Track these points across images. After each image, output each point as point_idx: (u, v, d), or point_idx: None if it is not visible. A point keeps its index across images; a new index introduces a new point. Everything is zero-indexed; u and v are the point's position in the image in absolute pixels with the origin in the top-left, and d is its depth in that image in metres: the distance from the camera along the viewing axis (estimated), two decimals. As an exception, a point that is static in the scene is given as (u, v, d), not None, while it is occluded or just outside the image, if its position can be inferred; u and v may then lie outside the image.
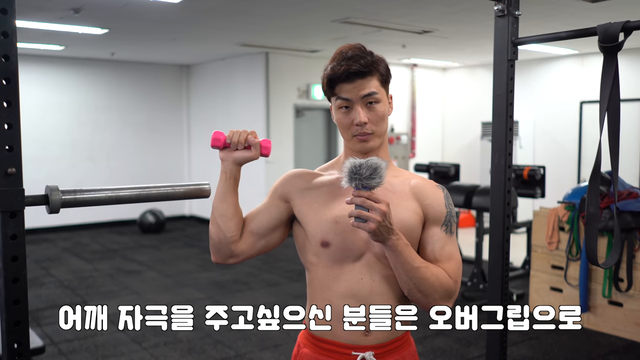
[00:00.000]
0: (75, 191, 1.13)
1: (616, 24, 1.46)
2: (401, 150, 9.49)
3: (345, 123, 1.46)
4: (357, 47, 1.46)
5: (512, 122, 1.76)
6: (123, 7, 5.20)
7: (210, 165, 9.45)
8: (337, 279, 1.46)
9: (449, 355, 4.02)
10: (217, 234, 1.47)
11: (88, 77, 9.01)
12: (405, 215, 1.45)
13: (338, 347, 1.48)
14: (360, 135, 1.45)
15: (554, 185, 7.74)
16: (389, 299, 1.47)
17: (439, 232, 1.48)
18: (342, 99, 1.45)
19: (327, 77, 1.46)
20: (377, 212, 1.30)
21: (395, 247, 1.35)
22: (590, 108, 8.09)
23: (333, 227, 1.44)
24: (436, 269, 1.44)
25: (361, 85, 1.43)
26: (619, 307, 4.39)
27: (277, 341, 4.27)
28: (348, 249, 1.45)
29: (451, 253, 1.49)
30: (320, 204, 1.48)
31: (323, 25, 6.13)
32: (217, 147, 1.46)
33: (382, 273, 1.46)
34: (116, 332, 4.44)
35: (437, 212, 1.48)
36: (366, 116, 1.44)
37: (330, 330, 1.48)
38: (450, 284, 1.45)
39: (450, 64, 9.68)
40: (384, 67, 1.48)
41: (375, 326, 1.46)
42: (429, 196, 1.49)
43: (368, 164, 1.30)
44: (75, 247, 7.70)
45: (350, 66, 1.41)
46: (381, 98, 1.45)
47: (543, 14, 5.42)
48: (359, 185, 1.31)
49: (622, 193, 4.39)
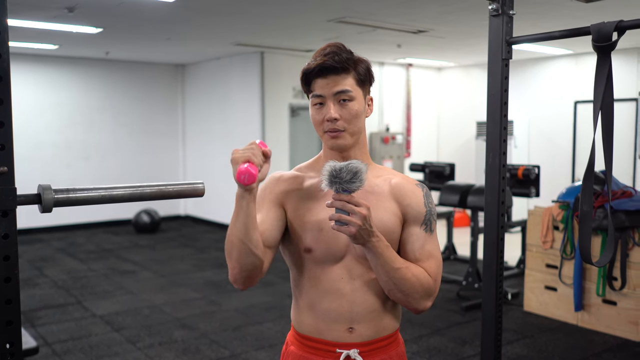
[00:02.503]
0: (68, 190, 1.13)
1: (609, 24, 1.46)
2: (396, 150, 9.50)
3: (317, 119, 1.47)
4: (336, 45, 1.47)
5: (507, 121, 1.77)
6: (118, 6, 5.18)
7: (205, 165, 9.44)
8: (318, 278, 1.48)
9: (444, 354, 4.02)
10: (252, 261, 1.37)
11: (82, 77, 8.98)
12: (385, 216, 1.46)
13: (323, 345, 1.49)
14: (331, 132, 1.45)
15: (549, 185, 7.76)
16: (369, 297, 1.48)
17: (419, 232, 1.49)
18: (315, 95, 1.46)
19: (303, 72, 1.47)
20: (357, 215, 1.31)
21: (376, 249, 1.37)
22: (585, 108, 8.12)
23: (317, 235, 1.45)
24: (416, 269, 1.45)
25: (334, 82, 1.43)
26: (613, 305, 4.41)
27: (272, 341, 4.27)
28: (330, 253, 1.46)
29: (431, 252, 1.49)
30: (304, 209, 1.48)
31: (318, 24, 6.12)
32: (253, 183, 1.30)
33: (362, 273, 1.47)
34: (111, 332, 4.43)
35: (416, 211, 1.49)
36: (337, 112, 1.44)
37: (314, 329, 1.50)
38: (430, 283, 1.46)
39: (445, 63, 9.69)
40: (362, 68, 1.47)
41: (358, 323, 1.47)
42: (407, 196, 1.50)
43: (348, 168, 1.30)
44: (70, 247, 7.68)
45: (324, 61, 1.42)
46: (355, 96, 1.45)
47: (537, 14, 5.43)
48: (339, 189, 1.31)
49: (616, 192, 4.40)
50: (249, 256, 1.36)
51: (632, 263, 4.30)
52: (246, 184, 1.29)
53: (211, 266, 6.62)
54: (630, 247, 4.31)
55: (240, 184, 1.30)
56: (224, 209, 8.92)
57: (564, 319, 4.70)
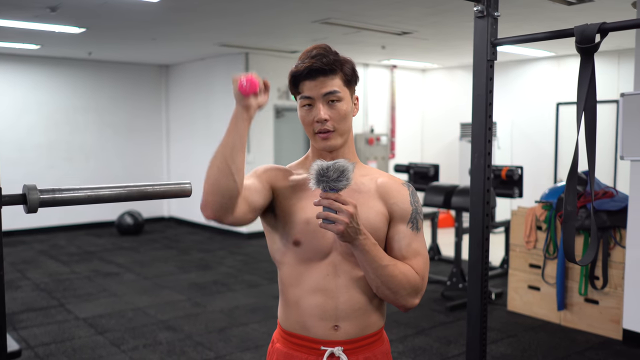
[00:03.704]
0: (54, 190, 1.12)
1: (592, 26, 1.48)
2: (381, 151, 9.53)
3: (307, 120, 1.49)
4: (322, 46, 1.49)
5: (492, 122, 1.78)
6: (101, 6, 5.14)
7: (189, 166, 9.39)
8: (304, 275, 1.50)
9: (429, 354, 4.04)
10: (228, 185, 1.31)
11: (65, 77, 8.90)
12: (371, 214, 1.48)
13: (308, 342, 1.50)
14: (322, 133, 1.47)
15: (532, 185, 7.84)
16: (355, 295, 1.49)
17: (405, 230, 1.51)
18: (304, 97, 1.48)
19: (291, 74, 1.49)
20: (344, 214, 1.32)
21: (363, 247, 1.39)
22: (567, 109, 8.22)
23: (304, 228, 1.47)
24: (403, 267, 1.47)
25: (323, 83, 1.46)
26: (594, 304, 4.46)
27: (257, 342, 4.26)
28: (316, 249, 1.48)
29: (417, 250, 1.51)
30: (294, 202, 1.50)
31: (303, 25, 6.13)
32: (254, 92, 1.33)
33: (348, 270, 1.48)
34: (94, 335, 4.39)
35: (403, 210, 1.52)
36: (327, 113, 1.46)
37: (300, 326, 1.51)
38: (417, 280, 1.48)
39: (429, 65, 9.74)
40: (349, 68, 1.50)
41: (343, 320, 1.48)
42: (393, 195, 1.52)
43: (335, 167, 1.32)
44: (52, 250, 7.60)
45: (312, 64, 1.44)
46: (343, 97, 1.48)
47: (521, 15, 5.48)
48: (327, 187, 1.33)
49: (598, 192, 4.46)
50: (227, 178, 1.31)
51: (614, 262, 4.36)
52: (247, 92, 1.31)
53: (195, 268, 6.59)
54: (611, 246, 4.37)
55: (241, 93, 1.32)
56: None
57: (547, 318, 4.75)
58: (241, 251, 7.49)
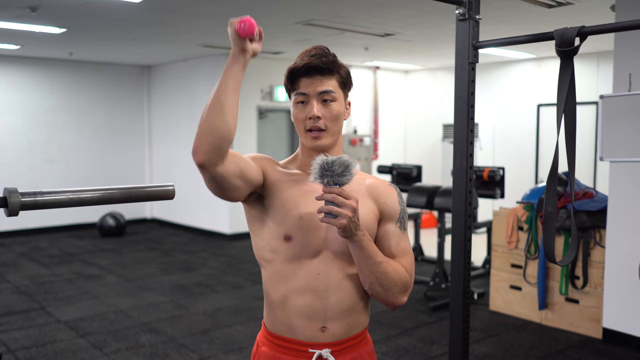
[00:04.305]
0: (35, 193, 1.11)
1: (572, 29, 1.50)
2: (364, 152, 9.56)
3: (300, 117, 1.51)
4: (321, 47, 1.53)
5: (474, 123, 1.80)
6: (82, 6, 5.09)
7: (171, 167, 9.34)
8: (294, 274, 1.49)
9: (412, 354, 4.06)
10: (220, 124, 1.31)
11: (45, 78, 8.79)
12: (363, 213, 1.50)
13: (295, 345, 1.50)
14: (313, 131, 1.49)
15: (513, 186, 7.91)
16: (345, 295, 1.50)
17: (394, 229, 1.55)
18: (299, 93, 1.50)
19: (289, 70, 1.51)
20: (348, 208, 1.34)
21: (361, 243, 1.41)
22: (547, 111, 8.31)
23: (297, 223, 1.47)
24: (395, 264, 1.50)
25: (319, 82, 1.48)
26: (575, 303, 4.52)
27: (241, 344, 4.25)
28: (307, 246, 1.48)
29: (405, 248, 1.56)
30: (286, 196, 1.50)
31: (286, 27, 6.12)
32: (251, 35, 1.34)
33: (339, 269, 1.49)
34: (76, 338, 4.34)
35: (392, 209, 1.55)
36: (320, 111, 1.48)
37: (287, 328, 1.51)
38: (407, 277, 1.52)
39: (412, 66, 9.79)
40: (345, 72, 1.54)
41: (332, 321, 1.49)
42: (383, 194, 1.56)
43: (340, 161, 1.34)
44: (32, 252, 7.50)
45: (311, 61, 1.47)
46: (338, 98, 1.51)
47: (501, 18, 5.54)
48: (330, 181, 1.34)
49: (578, 193, 4.52)
50: (221, 118, 1.32)
51: (594, 262, 4.42)
52: (245, 33, 1.33)
53: (178, 269, 6.56)
54: (591, 246, 4.43)
55: (239, 34, 1.33)
56: (190, 211, 8.83)
57: (529, 318, 4.80)
58: (224, 252, 7.46)
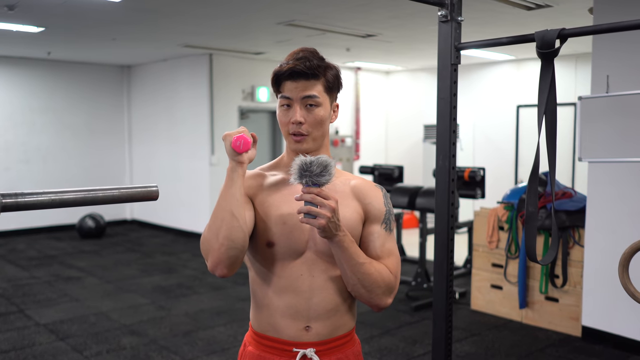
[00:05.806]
0: (17, 195, 1.09)
1: (552, 31, 1.52)
2: (346, 153, 9.58)
3: (283, 121, 1.51)
4: (309, 50, 1.52)
5: (456, 124, 1.81)
6: (60, 5, 5.03)
7: (151, 168, 9.26)
8: (277, 275, 1.50)
9: (395, 354, 4.08)
10: (242, 238, 1.39)
11: (23, 78, 8.67)
12: (347, 213, 1.50)
13: (279, 344, 1.50)
14: (295, 135, 1.50)
15: (493, 186, 7.98)
16: (328, 295, 1.50)
17: (380, 230, 1.54)
18: (283, 97, 1.50)
19: (274, 73, 1.52)
20: (326, 208, 1.34)
21: (342, 243, 1.40)
22: (527, 111, 8.40)
23: (280, 228, 1.47)
24: (379, 265, 1.49)
25: (303, 86, 1.48)
26: (555, 302, 4.58)
27: (224, 345, 4.23)
28: (290, 248, 1.48)
29: (391, 250, 1.55)
30: (268, 204, 1.50)
31: (268, 27, 6.11)
32: (246, 150, 1.42)
33: (322, 270, 1.49)
34: (56, 341, 4.29)
35: (377, 210, 1.54)
36: (303, 116, 1.48)
37: (271, 327, 1.51)
38: (391, 279, 1.51)
39: (393, 67, 9.84)
40: (332, 75, 1.52)
41: (315, 321, 1.49)
42: (369, 195, 1.55)
43: (319, 161, 1.34)
44: (10, 254, 7.39)
45: (295, 65, 1.47)
46: (322, 102, 1.50)
47: (482, 20, 5.59)
48: (309, 182, 1.35)
49: (557, 193, 4.58)
50: (238, 231, 1.38)
51: (573, 261, 4.48)
52: (241, 150, 1.39)
53: (159, 271, 6.51)
54: (570, 246, 4.49)
55: (236, 151, 1.40)
56: (171, 212, 8.77)
57: (509, 317, 4.85)
58: (206, 254, 7.42)
